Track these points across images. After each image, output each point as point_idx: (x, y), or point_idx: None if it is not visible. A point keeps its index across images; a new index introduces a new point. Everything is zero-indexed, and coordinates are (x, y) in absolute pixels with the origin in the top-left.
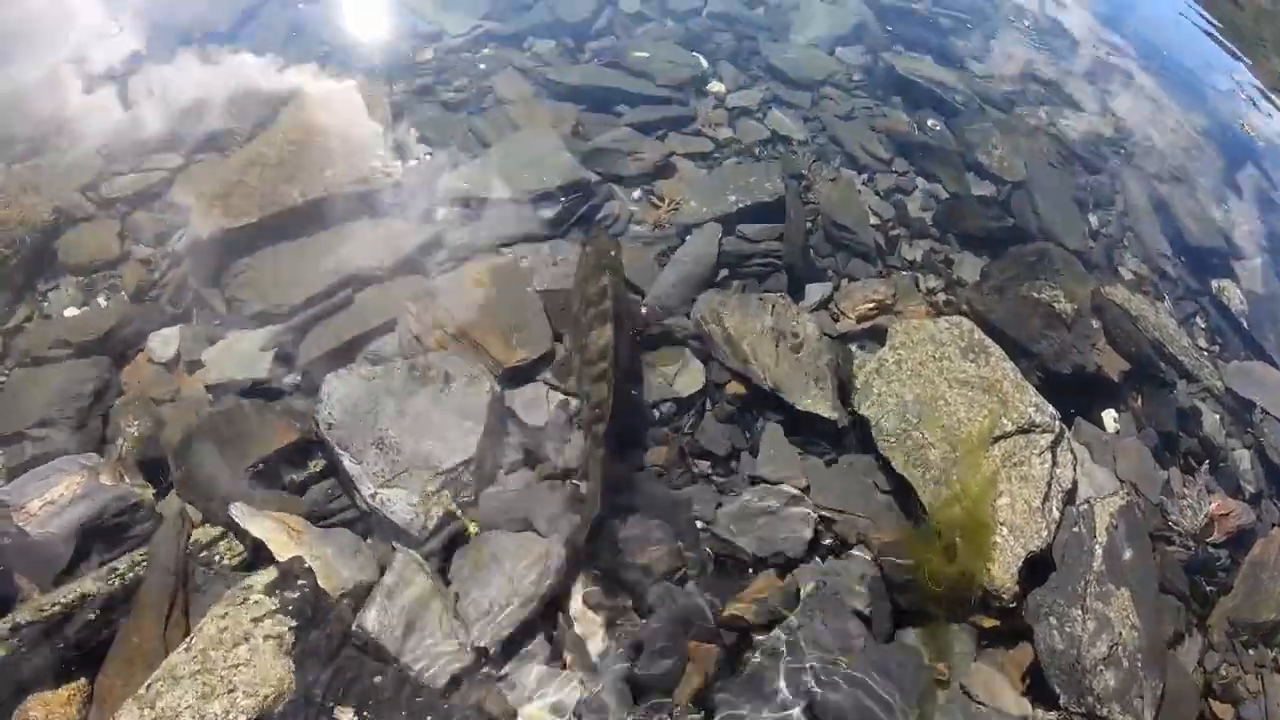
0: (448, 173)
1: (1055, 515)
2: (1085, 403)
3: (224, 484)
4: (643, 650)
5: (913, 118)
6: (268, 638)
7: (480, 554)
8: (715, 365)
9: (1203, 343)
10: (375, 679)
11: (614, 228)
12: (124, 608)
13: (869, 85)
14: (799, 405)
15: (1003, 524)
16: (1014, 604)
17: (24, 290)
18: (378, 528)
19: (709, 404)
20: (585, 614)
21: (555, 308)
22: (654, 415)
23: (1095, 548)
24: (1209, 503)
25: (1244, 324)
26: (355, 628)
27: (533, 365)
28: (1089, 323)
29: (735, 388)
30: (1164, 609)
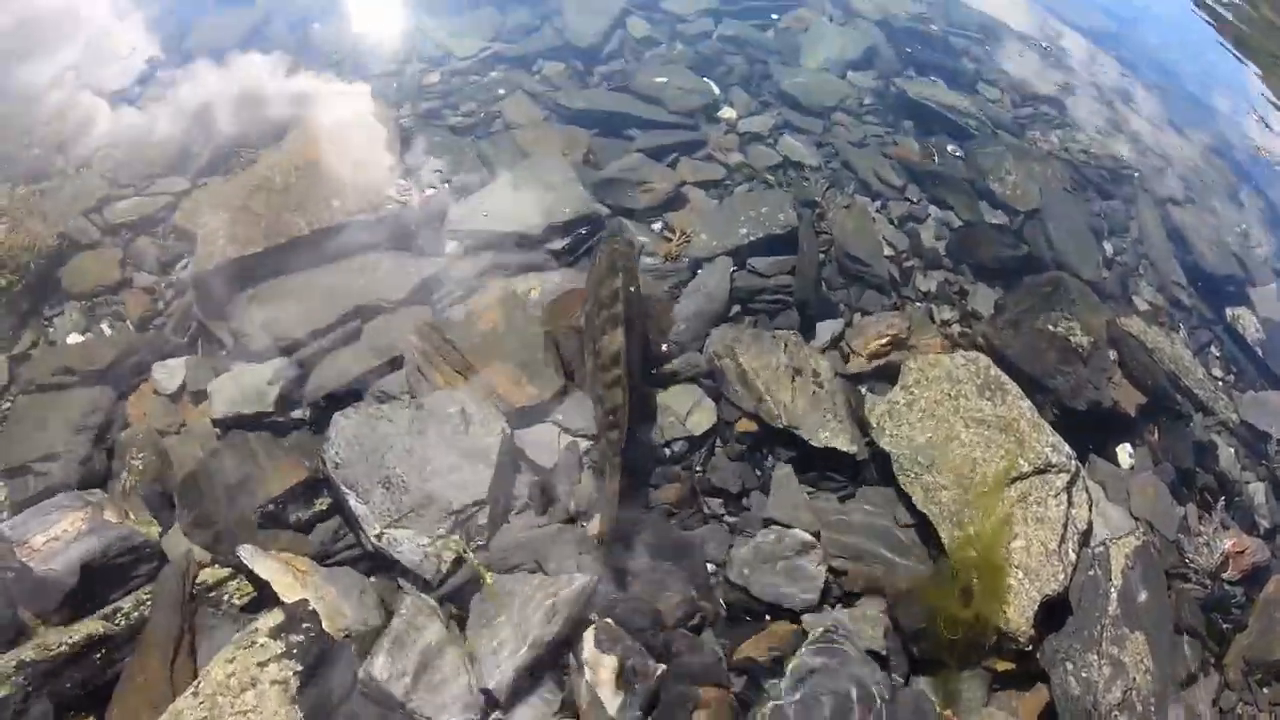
0: (456, 202)
1: (1071, 557)
2: (1100, 438)
3: (231, 525)
4: (656, 699)
5: (926, 144)
6: (274, 683)
7: (489, 596)
8: (726, 403)
9: (1218, 373)
10: None
11: None
12: (129, 647)
13: (881, 110)
14: (816, 441)
15: (1018, 567)
16: (1029, 647)
17: (29, 316)
18: (384, 568)
19: (720, 442)
20: (597, 658)
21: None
22: (666, 454)
23: (1111, 591)
24: (1225, 539)
25: (1259, 352)
26: (362, 673)
27: (543, 405)
28: (1105, 356)
29: (746, 425)
30: (1179, 650)
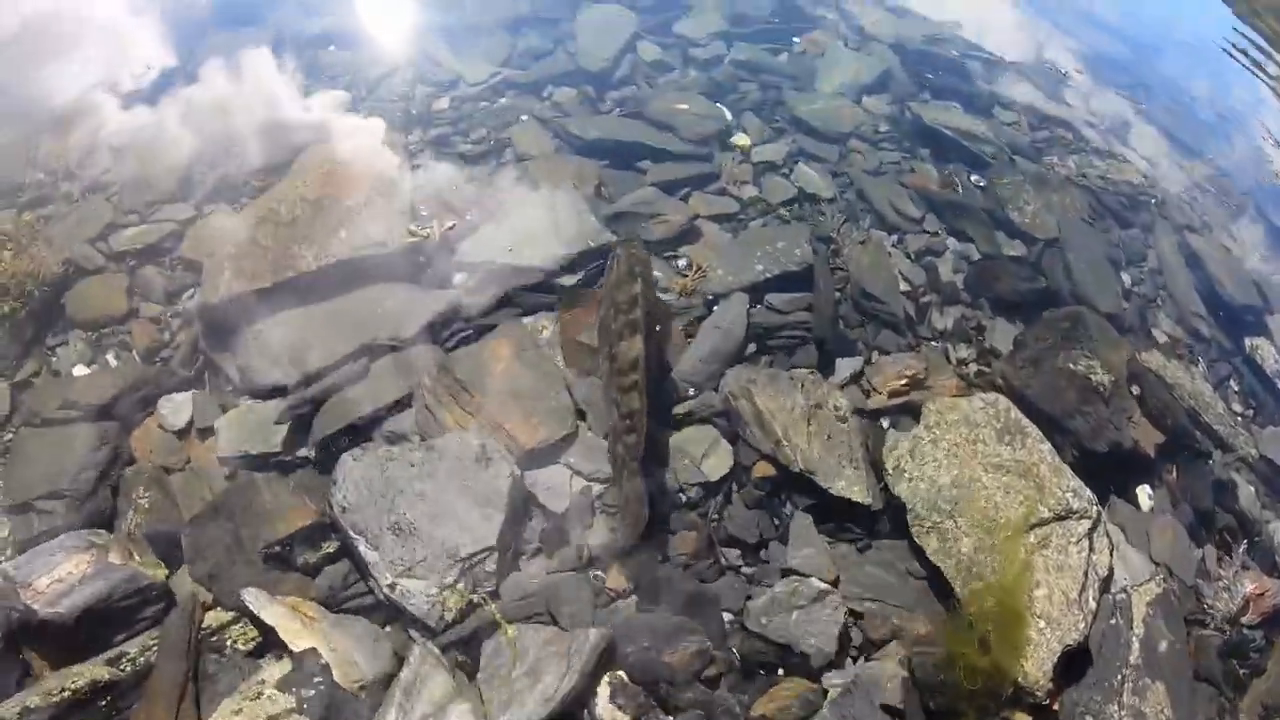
0: (465, 235)
1: (1092, 605)
2: (1120, 479)
3: (237, 568)
4: None
5: (943, 171)
6: None
7: (507, 648)
8: (743, 445)
9: (1237, 407)
10: None
11: None
12: (135, 694)
13: (896, 136)
14: (833, 490)
15: (1039, 616)
16: (1047, 700)
17: (33, 345)
18: (395, 617)
19: (736, 487)
20: (612, 714)
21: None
22: (681, 499)
23: (1132, 640)
24: (1245, 583)
25: (1279, 385)
26: None
27: (555, 446)
28: (1125, 395)
29: (764, 469)
30: (1198, 698)
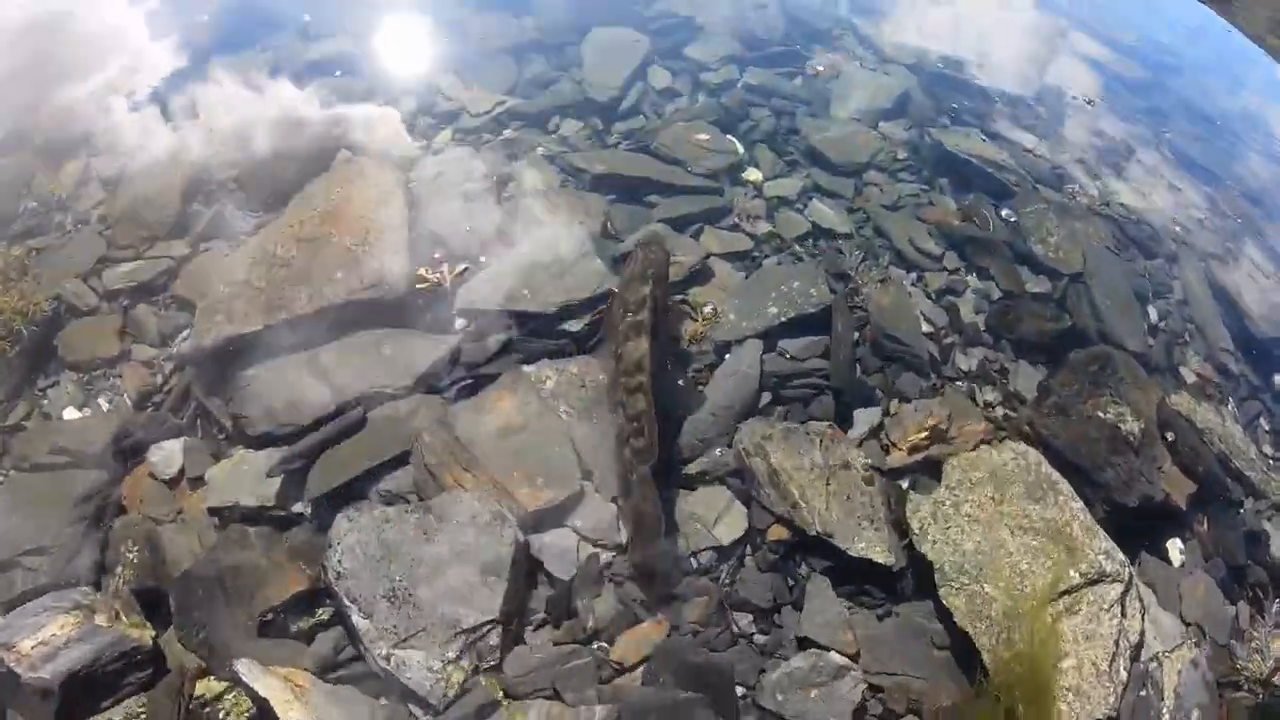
0: (467, 278)
1: (1123, 676)
2: (1150, 533)
3: (228, 632)
4: None
5: (964, 203)
6: None
7: None
8: (757, 506)
9: (1268, 449)
10: None
11: None
12: None
13: (915, 166)
14: (852, 551)
15: (1068, 689)
16: None
17: (23, 386)
18: (392, 690)
19: (750, 549)
20: None
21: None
22: (692, 565)
23: (1164, 712)
24: (1277, 643)
25: None
26: None
27: (559, 508)
28: (1155, 442)
29: (779, 532)
30: None
